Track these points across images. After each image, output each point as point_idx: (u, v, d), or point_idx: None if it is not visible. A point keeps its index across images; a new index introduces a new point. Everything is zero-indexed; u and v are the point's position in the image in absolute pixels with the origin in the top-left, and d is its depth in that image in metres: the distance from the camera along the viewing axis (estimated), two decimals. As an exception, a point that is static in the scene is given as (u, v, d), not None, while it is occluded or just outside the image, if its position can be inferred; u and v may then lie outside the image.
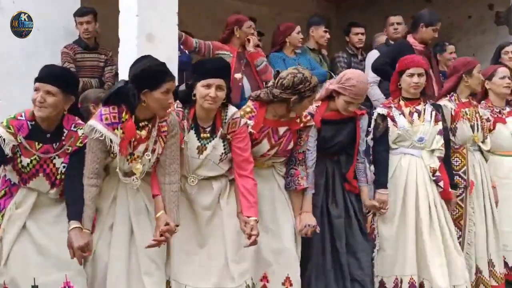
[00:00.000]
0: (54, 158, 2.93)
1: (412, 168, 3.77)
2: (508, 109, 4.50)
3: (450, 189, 3.81)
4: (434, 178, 3.77)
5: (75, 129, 2.96)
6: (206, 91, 3.04)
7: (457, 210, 3.99)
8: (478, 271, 4.00)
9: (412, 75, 3.78)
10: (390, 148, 3.82)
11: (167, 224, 2.88)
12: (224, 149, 3.20)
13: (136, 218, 3.02)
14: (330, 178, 3.69)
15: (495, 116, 4.40)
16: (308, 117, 3.49)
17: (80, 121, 3.01)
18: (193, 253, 3.17)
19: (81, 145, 2.94)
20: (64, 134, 2.94)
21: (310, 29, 5.70)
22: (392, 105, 3.84)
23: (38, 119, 2.89)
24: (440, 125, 3.85)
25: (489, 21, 8.37)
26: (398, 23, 5.75)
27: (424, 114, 3.83)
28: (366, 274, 3.63)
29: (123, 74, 4.18)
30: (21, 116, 2.90)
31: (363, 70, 5.65)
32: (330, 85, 3.67)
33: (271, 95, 3.31)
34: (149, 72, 2.82)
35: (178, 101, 3.21)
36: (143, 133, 2.95)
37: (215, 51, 4.86)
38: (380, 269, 3.74)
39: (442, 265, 3.66)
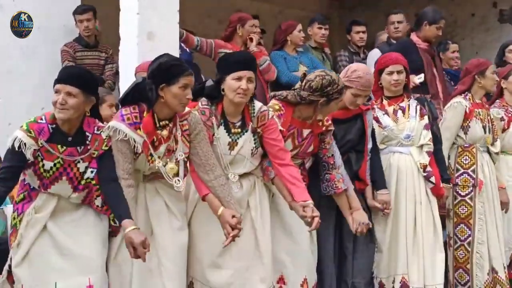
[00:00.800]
0: (79, 162, 2.86)
1: (402, 166, 3.76)
2: None
3: (441, 184, 3.81)
4: (425, 174, 3.75)
5: (98, 132, 2.89)
6: (237, 83, 3.00)
7: (466, 208, 3.99)
8: (494, 271, 4.01)
9: (391, 73, 3.76)
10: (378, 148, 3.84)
11: (233, 217, 2.83)
12: (255, 143, 3.18)
13: (157, 221, 2.99)
14: None
15: (510, 115, 4.41)
16: (330, 121, 3.48)
17: (100, 124, 2.94)
18: (220, 256, 3.11)
19: (106, 148, 2.88)
20: (89, 138, 2.87)
21: (309, 28, 5.69)
22: (375, 106, 3.82)
23: (59, 122, 2.82)
24: (426, 120, 3.84)
25: (493, 19, 8.36)
26: (399, 22, 5.72)
27: (408, 110, 3.83)
28: (362, 276, 3.65)
29: (124, 72, 4.23)
30: (41, 119, 2.83)
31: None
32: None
33: (299, 97, 3.29)
34: (166, 66, 2.82)
35: (203, 98, 3.18)
36: (164, 133, 2.91)
37: (217, 49, 4.84)
38: (378, 270, 3.75)
39: (419, 264, 3.69)
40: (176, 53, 4.29)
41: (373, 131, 3.77)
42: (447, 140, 4.06)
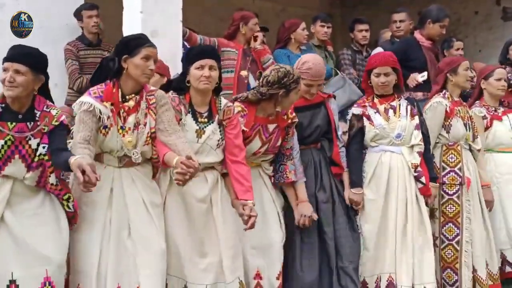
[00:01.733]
0: (30, 138, 2.85)
1: (394, 165, 3.77)
2: (502, 109, 4.52)
3: (430, 184, 3.84)
4: (416, 174, 3.77)
5: (48, 110, 2.90)
6: (200, 72, 3.13)
7: (454, 207, 3.97)
8: (474, 269, 3.99)
9: (378, 74, 3.76)
10: (369, 146, 3.85)
11: (189, 157, 2.76)
12: (221, 134, 3.27)
13: (135, 208, 3.02)
14: (318, 167, 3.78)
15: (491, 114, 4.41)
16: (294, 114, 3.60)
17: (51, 103, 2.96)
18: (190, 250, 3.18)
19: (56, 123, 2.89)
20: (37, 115, 2.87)
21: (312, 26, 5.69)
22: (367, 104, 3.85)
23: (8, 100, 2.83)
24: (416, 120, 3.84)
25: (496, 17, 8.36)
26: (401, 21, 5.72)
27: (399, 109, 3.83)
28: (349, 261, 3.67)
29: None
30: None
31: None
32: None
33: (259, 94, 3.41)
34: (127, 39, 3.01)
35: (172, 90, 3.31)
36: (131, 103, 2.99)
37: (220, 48, 4.84)
38: (363, 269, 3.75)
39: (408, 263, 3.69)
40: (179, 51, 4.37)
41: (359, 131, 3.82)
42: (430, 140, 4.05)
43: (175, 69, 4.14)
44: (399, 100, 3.87)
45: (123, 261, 2.97)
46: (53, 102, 3.02)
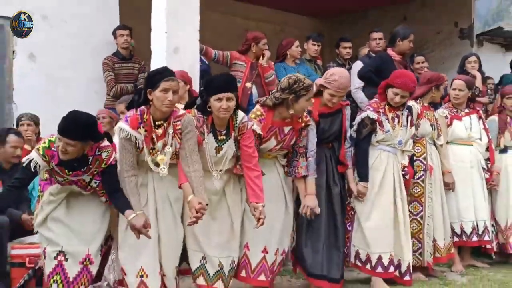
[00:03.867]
0: (84, 176, 2.93)
1: (390, 162, 3.78)
2: (466, 110, 4.53)
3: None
4: (403, 172, 3.82)
5: (99, 153, 2.90)
6: (219, 104, 3.04)
7: (419, 189, 4.03)
8: (434, 239, 4.06)
9: (396, 94, 3.71)
10: (372, 144, 3.80)
11: (199, 203, 2.84)
12: (236, 148, 3.22)
13: (161, 205, 3.07)
14: (329, 163, 3.69)
15: (452, 114, 4.46)
16: (308, 118, 3.50)
17: (103, 145, 2.94)
18: (207, 228, 3.20)
19: (105, 166, 2.91)
20: (90, 160, 2.89)
21: (305, 44, 5.74)
22: (380, 110, 3.76)
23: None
24: (413, 129, 3.88)
25: (455, 36, 8.39)
26: (379, 38, 5.74)
27: (401, 118, 3.81)
28: (341, 245, 3.68)
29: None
30: (53, 147, 2.84)
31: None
32: (318, 80, 3.75)
33: (274, 98, 3.34)
34: (151, 74, 3.02)
35: (197, 110, 3.23)
36: (159, 131, 2.97)
37: (232, 60, 4.87)
38: (359, 242, 3.72)
39: (409, 241, 3.81)
40: (197, 64, 4.37)
41: (371, 132, 3.74)
42: None
43: (194, 78, 4.18)
44: (402, 110, 3.83)
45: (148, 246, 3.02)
46: (103, 137, 2.95)
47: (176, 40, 4.20)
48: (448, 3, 8.37)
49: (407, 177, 3.82)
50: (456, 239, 4.31)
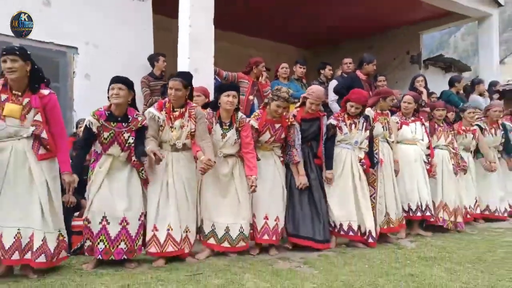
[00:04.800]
0: (124, 132, 3.05)
1: (348, 155, 3.88)
2: (413, 118, 4.56)
3: (369, 168, 3.95)
4: (360, 163, 3.88)
5: (136, 117, 3.11)
6: (227, 98, 3.34)
7: (373, 177, 4.05)
8: (387, 214, 4.07)
9: (352, 106, 3.84)
10: (336, 143, 3.88)
11: (208, 159, 3.08)
12: (237, 136, 3.43)
13: (177, 181, 3.18)
14: (307, 156, 3.84)
15: (402, 121, 4.52)
16: (293, 119, 3.70)
17: (138, 112, 3.17)
18: (217, 203, 3.39)
19: (140, 126, 3.10)
20: (130, 119, 3.08)
21: (294, 66, 5.77)
22: (340, 118, 3.88)
23: (112, 108, 3.05)
24: (368, 133, 3.92)
25: (407, 61, 8.46)
26: (350, 63, 5.79)
27: (358, 124, 3.88)
28: (324, 215, 3.75)
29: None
30: (101, 108, 3.06)
31: (327, 93, 5.71)
32: (303, 94, 3.92)
33: (266, 100, 3.70)
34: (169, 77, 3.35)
35: (209, 107, 3.50)
36: (177, 113, 3.20)
37: (238, 79, 4.90)
38: (329, 213, 3.84)
39: (369, 212, 3.86)
40: (212, 82, 4.40)
41: (334, 134, 3.83)
42: None
43: (210, 93, 4.18)
44: (359, 118, 3.90)
45: (171, 208, 3.16)
46: (138, 110, 3.22)
47: (196, 63, 4.25)
48: (402, 36, 8.45)
49: (364, 167, 3.89)
50: (405, 214, 4.34)
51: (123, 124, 3.06)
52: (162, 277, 2.79)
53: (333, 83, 5.33)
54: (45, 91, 2.79)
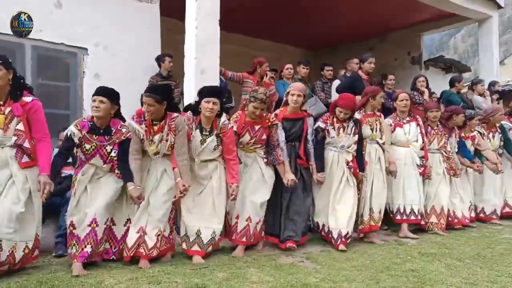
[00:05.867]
0: (106, 146, 2.91)
1: (335, 158, 3.74)
2: (407, 118, 4.34)
3: (358, 171, 3.75)
4: (347, 166, 3.71)
5: (120, 129, 2.95)
6: (207, 105, 3.13)
7: (357, 178, 3.83)
8: (371, 211, 3.90)
9: (341, 112, 3.66)
10: (325, 146, 3.76)
11: (183, 185, 2.98)
12: (217, 142, 3.23)
13: (160, 176, 3.08)
14: (290, 157, 3.62)
15: (395, 123, 4.30)
16: (274, 118, 3.50)
17: (124, 124, 3.00)
18: (195, 207, 3.22)
19: (124, 138, 2.94)
20: (113, 132, 2.92)
21: (297, 67, 5.75)
22: (328, 122, 3.72)
23: (94, 119, 2.90)
24: (356, 137, 3.73)
25: (407, 62, 8.42)
26: (357, 63, 5.61)
27: (347, 129, 3.72)
28: (301, 215, 3.60)
29: (187, 93, 4.27)
30: (84, 119, 2.94)
31: (330, 92, 5.70)
32: (285, 95, 3.72)
33: (244, 102, 3.46)
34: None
35: (189, 111, 3.30)
36: (156, 128, 3.03)
37: (243, 79, 4.89)
38: (316, 216, 3.78)
39: (341, 214, 3.64)
40: (217, 82, 4.34)
41: (323, 137, 3.69)
42: None
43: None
44: (348, 122, 3.73)
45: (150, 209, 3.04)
46: (124, 121, 3.03)
47: (202, 64, 4.22)
48: (403, 38, 8.39)
49: (351, 170, 3.72)
50: (394, 216, 4.19)
51: (105, 137, 2.91)
52: (168, 271, 2.80)
53: (336, 83, 5.33)
54: (28, 98, 2.69)
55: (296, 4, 6.87)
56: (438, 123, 4.58)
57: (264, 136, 3.46)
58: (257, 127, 3.43)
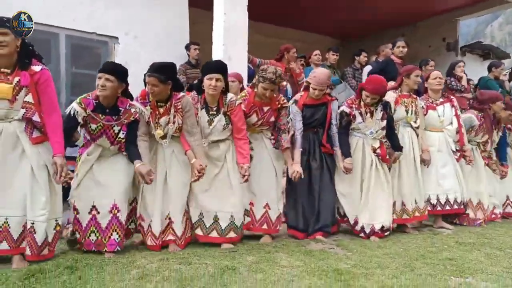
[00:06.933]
0: (114, 126, 2.68)
1: (360, 145, 3.47)
2: (441, 99, 4.03)
3: (395, 151, 3.50)
4: (375, 154, 3.43)
5: (129, 108, 2.73)
6: (209, 82, 2.91)
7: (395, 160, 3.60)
8: (403, 204, 3.67)
9: (368, 97, 3.37)
10: (351, 132, 3.50)
11: (200, 165, 2.79)
12: (226, 121, 3.02)
13: (169, 163, 2.90)
14: (312, 144, 3.43)
15: (428, 104, 4.00)
16: (284, 100, 3.28)
17: (133, 103, 2.77)
18: (208, 190, 3.02)
19: (133, 119, 2.72)
20: (121, 112, 2.69)
21: (326, 54, 5.62)
22: (353, 106, 3.44)
23: (100, 98, 2.65)
24: (384, 122, 3.44)
25: (443, 49, 8.09)
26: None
27: (375, 113, 3.43)
28: (330, 207, 3.42)
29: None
30: (89, 96, 2.67)
31: (361, 79, 5.53)
32: (306, 79, 3.50)
33: (254, 81, 3.21)
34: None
35: (194, 91, 3.09)
36: (161, 110, 2.83)
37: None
38: (343, 210, 3.50)
39: (368, 209, 3.42)
40: (245, 69, 4.37)
41: (348, 123, 3.43)
42: None
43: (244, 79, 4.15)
44: (377, 106, 3.44)
45: (165, 197, 2.89)
46: (132, 99, 2.82)
47: (230, 51, 4.22)
48: (437, 24, 8.06)
49: (379, 157, 3.44)
50: (428, 208, 3.85)
51: (113, 117, 2.67)
52: (198, 253, 2.80)
53: (368, 69, 5.21)
54: (37, 67, 2.44)
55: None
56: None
57: (272, 118, 3.24)
58: (265, 109, 3.20)
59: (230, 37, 4.24)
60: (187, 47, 5.23)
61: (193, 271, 2.39)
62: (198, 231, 3.03)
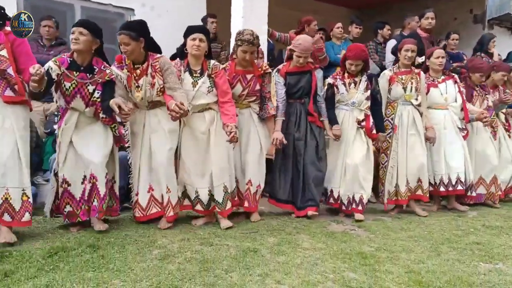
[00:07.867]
0: (88, 85, 2.63)
1: (346, 118, 3.40)
2: (443, 77, 3.84)
3: (374, 132, 3.40)
4: (359, 126, 3.35)
5: (104, 69, 2.68)
6: (192, 42, 2.88)
7: (386, 143, 3.55)
8: (396, 185, 3.56)
9: (351, 64, 3.32)
10: (336, 105, 3.44)
11: (180, 103, 2.64)
12: (210, 84, 2.93)
13: (154, 134, 2.84)
14: (298, 115, 3.34)
15: (429, 83, 3.80)
16: (267, 66, 3.22)
17: (107, 65, 2.73)
18: (196, 167, 2.94)
19: (108, 79, 2.68)
20: (95, 71, 2.65)
21: (349, 27, 5.35)
22: (337, 77, 3.41)
23: (74, 55, 2.62)
24: (368, 93, 3.37)
25: (469, 21, 7.69)
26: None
27: (359, 84, 3.37)
28: (317, 180, 3.31)
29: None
30: (64, 55, 2.67)
31: (384, 54, 5.28)
32: (289, 46, 3.41)
33: (232, 49, 3.17)
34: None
35: (177, 57, 3.03)
36: (138, 71, 2.77)
37: (291, 40, 4.63)
38: (329, 183, 3.43)
39: (347, 180, 3.35)
40: (265, 42, 4.19)
41: (333, 94, 3.39)
42: (382, 100, 3.56)
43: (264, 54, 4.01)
44: (361, 77, 3.39)
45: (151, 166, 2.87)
46: (108, 63, 2.76)
47: (249, 24, 3.97)
48: (464, -6, 7.61)
49: (363, 129, 3.37)
50: (431, 188, 3.70)
51: (87, 74, 2.63)
52: (219, 233, 2.77)
53: (391, 43, 4.92)
54: (9, 28, 2.41)
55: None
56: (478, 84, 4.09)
57: (258, 87, 3.17)
58: (249, 76, 3.13)
59: (250, 10, 4.05)
60: (204, 20, 5.04)
61: (215, 252, 2.36)
62: (198, 207, 2.98)
